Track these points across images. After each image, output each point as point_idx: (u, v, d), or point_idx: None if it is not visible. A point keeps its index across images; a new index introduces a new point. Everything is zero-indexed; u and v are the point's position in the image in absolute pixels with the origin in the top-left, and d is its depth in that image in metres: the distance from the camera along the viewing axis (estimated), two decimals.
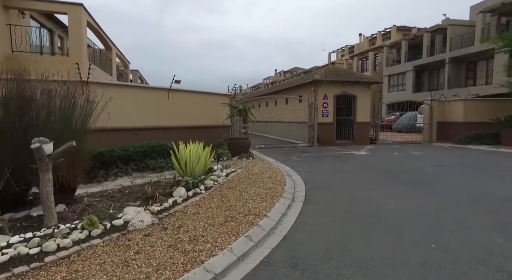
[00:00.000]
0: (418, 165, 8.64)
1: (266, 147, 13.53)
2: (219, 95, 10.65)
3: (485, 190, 5.73)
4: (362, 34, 43.27)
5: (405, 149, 12.81)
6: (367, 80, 14.82)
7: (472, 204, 4.88)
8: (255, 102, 26.29)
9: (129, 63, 24.96)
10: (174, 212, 4.25)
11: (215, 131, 10.00)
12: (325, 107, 14.43)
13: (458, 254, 3.20)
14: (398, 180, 6.68)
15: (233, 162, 8.83)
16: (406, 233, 3.75)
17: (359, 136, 14.87)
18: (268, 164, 8.54)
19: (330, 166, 8.71)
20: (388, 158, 10.03)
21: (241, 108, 9.85)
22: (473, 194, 5.53)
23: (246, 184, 6.06)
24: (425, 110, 15.93)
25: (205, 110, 9.98)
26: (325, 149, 12.75)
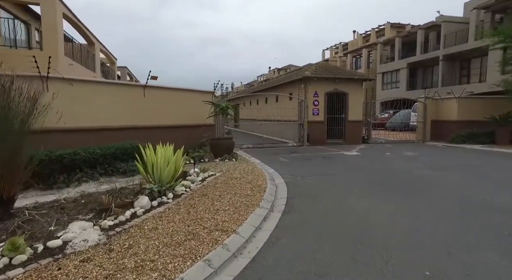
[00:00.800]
0: (410, 167, 8.15)
1: (253, 147, 12.96)
2: (201, 92, 10.03)
3: (483, 198, 5.22)
4: (356, 31, 42.82)
5: (397, 149, 12.34)
6: (359, 77, 14.32)
7: (469, 218, 4.34)
8: (246, 100, 25.77)
9: (116, 59, 24.17)
10: (129, 228, 3.66)
11: (197, 131, 9.41)
12: (315, 105, 13.89)
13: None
14: (388, 186, 6.15)
15: (214, 164, 8.24)
16: (395, 255, 3.21)
17: (351, 135, 14.38)
18: (251, 166, 7.98)
19: (317, 168, 8.18)
20: (379, 160, 9.53)
21: (223, 106, 9.26)
22: (470, 203, 5.02)
23: (222, 190, 5.49)
24: (419, 108, 15.50)
25: (186, 108, 9.36)
26: (315, 149, 12.22)
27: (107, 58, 22.69)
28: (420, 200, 5.04)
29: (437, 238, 3.60)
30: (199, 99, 9.48)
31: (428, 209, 4.60)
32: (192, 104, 9.44)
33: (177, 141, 9.24)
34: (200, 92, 10.03)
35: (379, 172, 7.47)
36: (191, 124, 9.45)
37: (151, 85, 8.47)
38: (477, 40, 19.92)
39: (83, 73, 13.86)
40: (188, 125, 9.40)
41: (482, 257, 3.14)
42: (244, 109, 25.93)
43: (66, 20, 12.91)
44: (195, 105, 9.42)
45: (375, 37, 37.18)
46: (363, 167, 8.21)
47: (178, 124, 9.13)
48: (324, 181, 6.59)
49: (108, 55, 22.05)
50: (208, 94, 10.25)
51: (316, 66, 14.26)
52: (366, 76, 14.75)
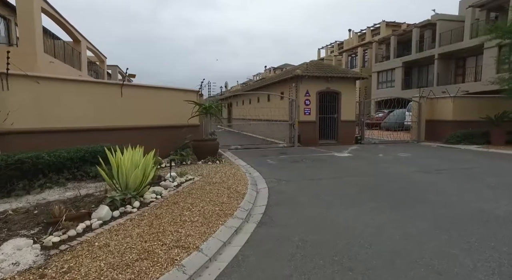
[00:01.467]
0: (403, 170, 7.74)
1: (242, 148, 12.52)
2: (185, 91, 9.56)
3: (480, 207, 4.81)
4: (351, 30, 42.52)
5: (391, 149, 11.95)
6: (352, 75, 13.92)
7: (467, 233, 3.89)
8: (239, 99, 25.33)
9: (106, 58, 23.61)
10: (76, 245, 3.20)
11: (180, 132, 8.94)
12: (307, 104, 13.47)
13: None
14: (377, 193, 5.72)
15: (195, 167, 7.79)
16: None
17: (344, 135, 13.98)
18: (235, 170, 7.54)
19: (305, 172, 7.75)
20: (371, 162, 9.12)
21: (206, 106, 8.79)
22: (466, 214, 4.61)
23: (196, 197, 5.04)
24: (413, 108, 15.14)
25: (168, 108, 8.89)
26: (306, 150, 11.80)
27: (96, 56, 22.13)
28: (411, 212, 4.61)
29: (427, 261, 3.18)
30: (182, 99, 9.01)
31: (420, 223, 4.16)
32: (175, 103, 8.97)
33: (159, 143, 8.78)
34: (184, 91, 9.56)
35: (369, 177, 7.05)
36: (174, 124, 8.99)
37: (130, 83, 8.00)
38: (472, 39, 19.62)
39: (66, 71, 13.32)
40: (171, 125, 8.94)
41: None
42: (237, 108, 25.51)
43: (47, 15, 12.38)
44: (179, 105, 8.95)
45: (371, 36, 36.88)
46: (353, 171, 7.79)
47: (160, 125, 8.67)
48: (310, 187, 6.16)
49: (97, 53, 21.49)
50: (193, 93, 9.78)
51: (307, 65, 13.83)
52: (359, 75, 14.36)
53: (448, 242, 3.50)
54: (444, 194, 5.47)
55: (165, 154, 8.52)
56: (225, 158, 9.47)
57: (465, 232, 3.77)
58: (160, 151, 8.57)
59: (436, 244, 3.44)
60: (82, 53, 16.59)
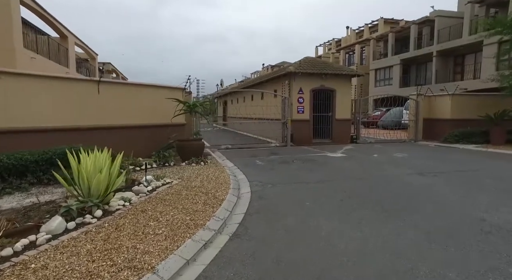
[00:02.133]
0: (398, 173, 7.28)
1: (232, 147, 12.05)
2: (170, 89, 9.06)
3: (480, 216, 4.34)
4: (349, 27, 41.97)
5: (387, 149, 11.50)
6: (347, 72, 13.44)
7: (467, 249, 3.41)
8: (234, 97, 24.85)
9: (97, 54, 23.08)
10: (6, 268, 2.72)
11: (164, 131, 8.46)
12: (300, 102, 13.00)
13: None
14: (369, 199, 5.24)
15: (177, 169, 7.31)
16: None
17: (339, 134, 13.53)
18: (219, 172, 7.07)
19: (294, 174, 7.29)
20: (365, 163, 8.66)
21: (189, 104, 8.30)
22: (466, 224, 4.15)
23: (168, 204, 4.57)
24: (411, 106, 14.69)
25: (151, 106, 8.41)
26: (298, 150, 11.34)
27: (87, 53, 21.60)
28: (404, 222, 4.12)
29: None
30: (167, 96, 8.51)
31: (413, 236, 3.69)
32: (159, 101, 8.47)
33: (140, 143, 8.31)
34: (169, 89, 9.07)
35: (360, 180, 6.59)
36: (157, 124, 8.51)
37: (108, 80, 7.52)
38: (471, 35, 19.18)
39: (50, 68, 12.81)
40: (154, 125, 8.46)
41: None
42: (232, 106, 25.03)
43: (28, 9, 11.85)
44: (162, 103, 8.45)
45: (369, 33, 36.38)
46: (344, 173, 7.32)
47: (141, 124, 8.19)
48: (296, 192, 5.69)
49: (87, 50, 20.95)
50: (178, 90, 9.29)
51: (301, 61, 13.35)
52: (355, 72, 13.88)
53: (445, 262, 3.04)
54: (441, 201, 5.01)
55: (147, 155, 8.05)
56: (212, 159, 9.00)
57: (464, 249, 3.31)
58: (142, 152, 8.11)
59: (430, 265, 2.97)
60: (70, 49, 16.05)
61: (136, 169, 7.15)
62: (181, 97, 9.23)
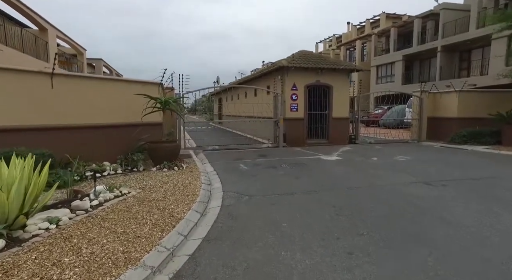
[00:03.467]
0: (399, 181, 6.26)
1: (219, 148, 11.06)
2: (143, 83, 8.06)
3: (509, 251, 3.34)
4: (350, 23, 40.85)
5: (388, 151, 10.48)
6: (345, 66, 12.39)
7: None
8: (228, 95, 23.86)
9: (85, 50, 22.10)
10: None
11: (135, 132, 7.48)
12: (293, 99, 11.98)
13: None
14: (362, 219, 4.20)
15: (144, 175, 6.32)
16: None
17: (336, 134, 12.51)
18: (191, 179, 6.09)
19: (278, 182, 6.29)
20: (362, 169, 7.63)
21: (162, 100, 7.29)
22: (490, 268, 3.14)
23: (106, 227, 3.59)
24: (414, 104, 13.63)
25: (119, 103, 7.42)
26: (290, 152, 10.34)
27: (73, 48, 20.62)
28: (405, 260, 3.11)
29: None
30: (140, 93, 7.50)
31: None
32: (129, 98, 7.46)
33: (107, 145, 7.32)
34: (142, 84, 8.06)
35: (355, 191, 5.57)
36: (127, 123, 7.52)
37: (64, 73, 6.54)
38: (479, 29, 18.05)
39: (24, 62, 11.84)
40: (123, 124, 7.47)
41: None
42: (227, 104, 24.04)
43: None
44: (133, 100, 7.44)
45: (370, 28, 35.21)
46: (338, 181, 6.31)
47: (108, 124, 7.20)
48: (275, 207, 4.70)
49: (74, 45, 19.97)
50: (153, 86, 8.29)
51: (294, 55, 12.31)
52: (353, 66, 12.82)
53: None
54: (455, 223, 3.98)
55: (115, 159, 7.08)
56: (190, 162, 8.02)
57: None
58: (109, 155, 7.13)
59: None
60: (50, 43, 15.08)
61: (96, 175, 6.17)
62: (156, 92, 8.23)
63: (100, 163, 6.80)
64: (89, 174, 6.15)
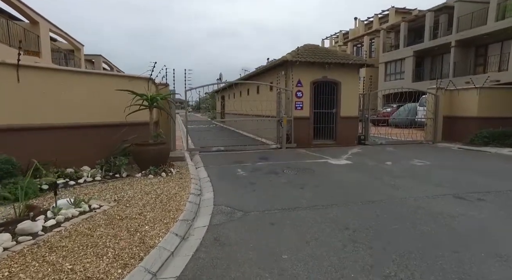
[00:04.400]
0: (422, 193, 5.31)
1: (218, 150, 10.20)
2: (129, 78, 7.21)
3: None
4: (357, 18, 39.58)
5: (402, 154, 9.52)
6: (355, 61, 11.42)
7: None
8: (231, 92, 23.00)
9: (83, 45, 21.36)
10: None
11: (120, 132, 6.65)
12: (298, 96, 11.05)
13: None
14: (386, 251, 3.28)
15: (124, 184, 5.48)
16: None
17: (344, 134, 11.57)
18: (179, 188, 5.24)
19: (280, 193, 5.40)
20: (376, 175, 6.69)
21: (147, 96, 6.41)
22: None
23: (50, 262, 2.75)
24: (429, 101, 12.59)
25: (100, 100, 6.59)
26: (294, 154, 9.43)
27: (70, 43, 19.90)
28: None
29: None
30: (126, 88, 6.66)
31: None
32: (112, 94, 6.62)
33: (87, 148, 6.49)
34: (128, 78, 7.22)
35: (373, 207, 4.64)
36: (110, 122, 6.70)
37: (34, 65, 5.72)
38: (498, 21, 16.87)
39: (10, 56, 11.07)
40: (106, 124, 6.65)
41: None
42: (229, 101, 23.19)
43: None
44: (117, 97, 6.60)
45: (378, 23, 34.01)
46: (350, 192, 5.40)
47: (88, 123, 6.38)
48: (274, 228, 3.81)
49: (70, 40, 19.24)
50: (140, 81, 7.44)
51: (299, 48, 11.36)
52: (363, 61, 11.84)
53: None
54: None
55: (94, 163, 6.25)
56: (183, 167, 7.18)
57: None
58: (90, 159, 6.31)
59: None
60: (42, 37, 14.33)
61: (70, 183, 5.36)
62: (145, 88, 7.39)
63: (78, 168, 5.99)
64: (62, 181, 5.34)
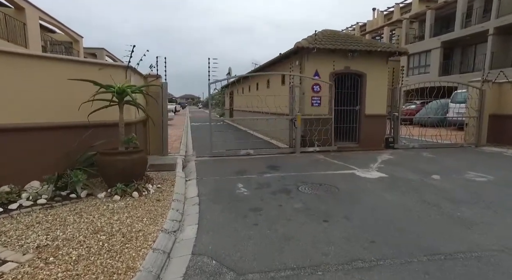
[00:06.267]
0: None
1: (219, 155, 8.56)
2: (100, 65, 5.60)
3: None
4: (376, 9, 37.12)
5: (447, 162, 7.64)
6: (384, 48, 9.52)
7: None
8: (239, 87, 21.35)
9: (82, 37, 20.05)
10: None
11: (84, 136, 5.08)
12: (315, 91, 9.28)
13: None
14: None
15: (71, 212, 3.88)
16: None
17: (369, 136, 9.75)
18: (150, 219, 3.63)
19: (295, 231, 3.70)
20: (427, 199, 4.86)
21: (114, 89, 4.73)
22: None
23: None
24: (472, 97, 10.56)
25: (60, 94, 5.03)
26: (311, 162, 7.70)
27: (67, 35, 18.60)
28: None
29: None
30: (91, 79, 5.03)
31: None
32: (74, 86, 5.01)
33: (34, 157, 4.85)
34: (98, 66, 5.61)
35: (443, 266, 2.89)
36: (69, 123, 5.13)
37: None
38: None
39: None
40: (62, 125, 5.08)
41: None
42: (237, 98, 21.53)
43: None
44: (82, 89, 4.98)
45: (399, 14, 31.57)
46: (398, 231, 3.63)
47: (34, 125, 4.82)
48: None
49: (66, 31, 17.93)
50: (116, 70, 5.83)
51: (317, 34, 9.52)
52: (394, 48, 9.89)
53: None
54: None
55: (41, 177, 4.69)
56: (169, 179, 5.58)
57: None
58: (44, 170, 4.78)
59: None
60: (30, 25, 12.97)
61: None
62: (123, 78, 5.79)
63: (20, 186, 4.46)
64: None
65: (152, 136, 8.31)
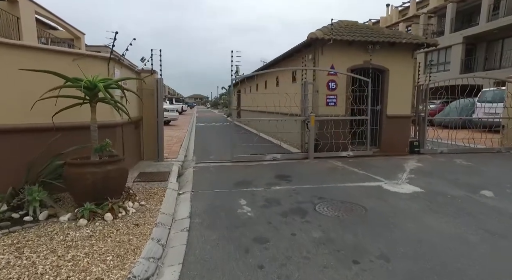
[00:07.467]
0: None
1: (224, 161, 7.57)
2: (75, 55, 4.68)
3: None
4: (390, 5, 35.58)
5: (491, 172, 6.47)
6: (409, 40, 8.35)
7: None
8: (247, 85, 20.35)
9: (84, 34, 19.35)
10: None
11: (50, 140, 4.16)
12: (331, 88, 8.19)
13: None
14: None
15: (12, 244, 2.93)
16: None
17: (391, 139, 8.61)
18: (115, 260, 2.65)
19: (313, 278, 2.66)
20: (489, 228, 3.72)
21: (81, 82, 3.74)
22: None
23: None
24: (510, 95, 9.28)
25: (20, 90, 4.10)
26: (327, 170, 6.63)
27: (68, 32, 17.91)
28: None
29: None
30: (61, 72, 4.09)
31: None
32: (38, 79, 4.06)
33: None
34: (73, 56, 4.67)
35: None
36: (30, 125, 4.19)
37: None
38: None
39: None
40: (22, 128, 4.15)
41: None
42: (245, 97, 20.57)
43: None
44: (48, 84, 4.03)
45: (415, 9, 30.05)
46: (466, 275, 2.56)
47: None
48: None
49: (67, 27, 17.22)
50: (96, 61, 4.90)
51: (333, 24, 8.40)
52: (422, 39, 8.70)
53: None
54: None
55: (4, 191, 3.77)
56: (157, 192, 4.62)
57: None
58: None
59: None
60: (24, 19, 12.24)
61: None
62: (105, 71, 4.86)
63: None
64: None
65: (146, 139, 7.40)
